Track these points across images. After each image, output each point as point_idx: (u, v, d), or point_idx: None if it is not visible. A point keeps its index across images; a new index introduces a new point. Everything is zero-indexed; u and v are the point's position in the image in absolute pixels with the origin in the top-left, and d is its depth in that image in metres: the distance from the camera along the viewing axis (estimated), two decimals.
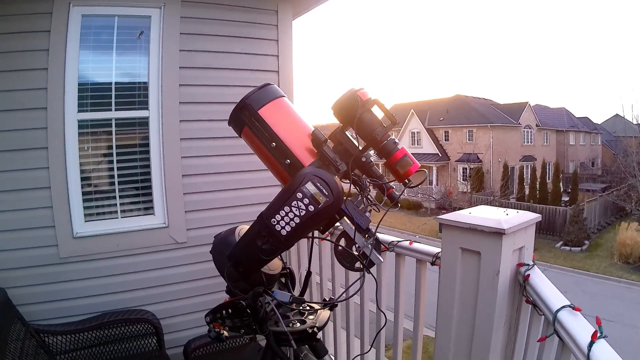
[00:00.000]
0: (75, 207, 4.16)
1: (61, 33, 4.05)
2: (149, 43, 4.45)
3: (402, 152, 1.57)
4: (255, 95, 1.59)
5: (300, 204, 1.42)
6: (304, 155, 1.53)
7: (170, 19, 4.47)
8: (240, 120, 1.60)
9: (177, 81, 4.48)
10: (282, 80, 4.97)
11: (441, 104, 46.63)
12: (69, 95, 4.11)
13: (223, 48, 4.72)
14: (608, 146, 53.79)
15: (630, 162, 26.03)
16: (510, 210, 2.20)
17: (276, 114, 1.57)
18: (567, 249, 26.10)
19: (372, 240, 1.56)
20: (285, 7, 5.05)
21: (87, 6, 4.21)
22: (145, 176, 4.47)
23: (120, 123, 4.40)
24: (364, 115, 1.56)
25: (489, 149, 40.00)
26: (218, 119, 4.50)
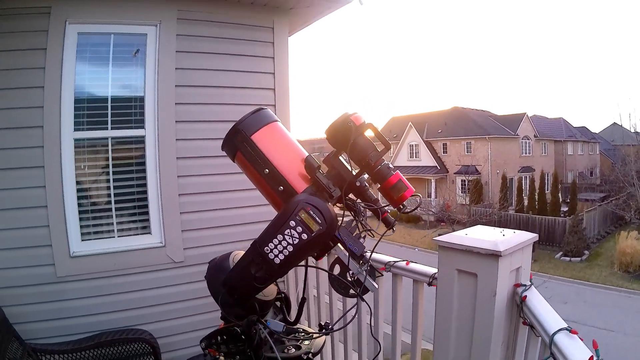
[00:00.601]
0: (71, 226, 4.15)
1: (57, 51, 4.07)
2: (145, 61, 4.46)
3: (396, 177, 1.55)
4: (248, 120, 1.58)
5: (293, 232, 1.41)
6: (298, 181, 1.52)
7: (166, 37, 4.50)
8: (233, 146, 1.59)
9: (173, 99, 4.49)
10: (278, 98, 4.99)
11: (439, 116, 46.73)
12: (65, 113, 4.12)
13: (219, 66, 4.73)
14: (606, 155, 53.89)
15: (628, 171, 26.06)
16: (507, 230, 2.19)
17: (269, 139, 1.57)
18: (567, 259, 26.07)
19: (366, 267, 1.54)
20: (281, 24, 5.08)
21: (84, 24, 4.24)
22: (142, 195, 4.46)
23: (117, 141, 4.40)
24: (358, 140, 1.55)
25: (488, 161, 40.04)
26: (214, 138, 4.44)
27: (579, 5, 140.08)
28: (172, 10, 4.54)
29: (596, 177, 52.65)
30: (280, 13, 5.08)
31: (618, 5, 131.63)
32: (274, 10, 5.03)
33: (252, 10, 4.92)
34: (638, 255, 22.90)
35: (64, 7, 4.12)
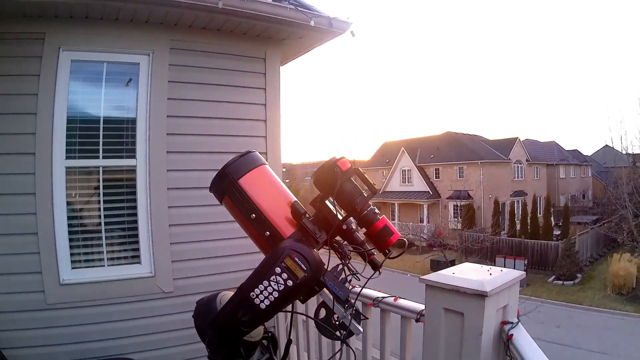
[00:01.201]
0: (62, 254, 4.13)
1: (51, 77, 4.10)
2: (137, 91, 4.49)
3: (382, 222, 1.57)
4: (235, 164, 1.60)
5: (279, 278, 1.42)
6: (284, 226, 1.54)
7: (159, 67, 4.53)
8: (220, 189, 1.61)
9: (165, 130, 4.51)
10: (269, 129, 5.02)
11: (432, 141, 46.91)
12: (57, 141, 4.13)
13: (211, 97, 4.76)
14: (598, 177, 54.13)
15: (620, 193, 26.16)
16: (494, 268, 2.21)
17: (256, 183, 1.58)
18: (560, 282, 26.04)
19: (351, 311, 1.55)
20: (273, 55, 5.13)
21: (77, 51, 4.28)
22: (132, 224, 4.46)
23: (108, 170, 4.40)
24: (344, 185, 1.56)
25: (480, 186, 40.14)
26: (205, 169, 4.50)
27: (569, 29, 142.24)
28: (165, 39, 4.59)
29: (588, 199, 52.82)
30: (273, 44, 5.14)
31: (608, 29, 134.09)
32: (267, 41, 5.09)
33: (245, 40, 4.98)
34: (631, 277, 22.94)
35: (58, 33, 4.17)
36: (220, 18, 4.56)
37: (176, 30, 4.66)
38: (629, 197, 25.25)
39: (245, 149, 4.90)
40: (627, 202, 24.91)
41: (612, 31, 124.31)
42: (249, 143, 4.92)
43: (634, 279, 22.95)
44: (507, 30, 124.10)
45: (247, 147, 4.96)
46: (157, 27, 4.57)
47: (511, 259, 27.08)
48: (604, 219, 33.79)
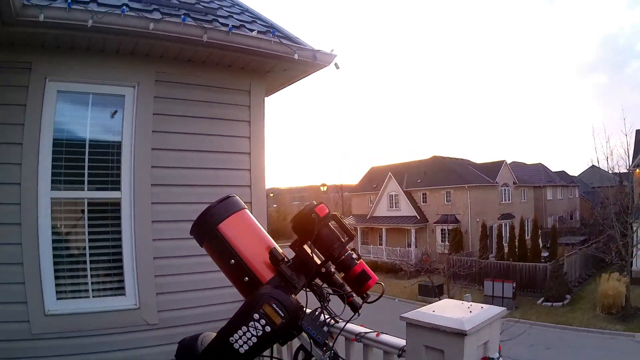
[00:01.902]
0: (47, 284, 4.10)
1: (37, 107, 4.12)
2: (122, 123, 4.51)
3: (360, 266, 1.59)
4: (215, 209, 1.62)
5: (257, 324, 1.44)
6: (263, 271, 1.55)
7: (144, 99, 4.56)
8: (200, 234, 1.63)
9: (150, 162, 4.52)
10: (253, 162, 5.04)
11: (419, 166, 47.08)
12: (43, 171, 4.13)
13: (195, 129, 4.79)
14: (586, 198, 54.53)
15: (608, 213, 26.23)
16: (475, 305, 2.22)
17: (236, 229, 1.60)
18: (549, 304, 26.03)
19: (330, 354, 1.56)
20: (258, 87, 5.18)
21: (63, 82, 4.31)
22: (117, 256, 4.44)
23: (93, 202, 4.40)
24: (322, 231, 1.59)
25: (467, 210, 40.27)
26: (190, 202, 4.54)
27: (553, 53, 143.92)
28: (151, 71, 4.63)
29: (576, 220, 53.11)
30: (257, 76, 5.19)
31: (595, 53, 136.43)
32: (251, 73, 5.14)
33: (230, 73, 5.03)
34: (620, 297, 22.96)
35: (44, 63, 4.20)
36: (205, 51, 4.61)
37: (162, 62, 4.70)
38: (616, 216, 25.34)
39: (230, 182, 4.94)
40: (615, 222, 24.99)
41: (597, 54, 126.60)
42: (233, 176, 4.95)
43: (623, 298, 22.98)
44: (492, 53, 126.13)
45: (232, 179, 4.98)
46: (143, 59, 4.61)
47: (499, 282, 27.04)
48: (592, 239, 33.92)
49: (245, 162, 5.03)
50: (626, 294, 23.01)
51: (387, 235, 44.90)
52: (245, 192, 4.96)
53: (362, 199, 52.46)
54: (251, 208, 5.00)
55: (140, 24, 4.07)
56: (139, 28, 4.08)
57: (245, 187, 4.98)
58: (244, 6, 6.51)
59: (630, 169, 29.85)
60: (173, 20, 4.23)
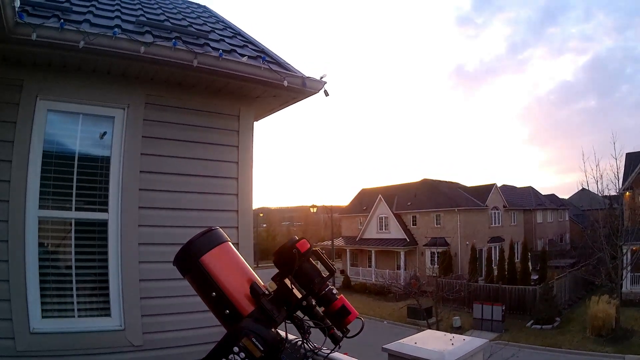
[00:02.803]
0: (32, 302, 4.08)
1: (27, 126, 4.13)
2: (112, 144, 4.54)
3: (340, 301, 1.62)
4: (198, 241, 1.64)
5: (237, 357, 1.46)
6: (245, 303, 1.57)
7: (133, 121, 4.59)
8: (183, 266, 1.65)
9: (138, 185, 4.54)
10: (240, 187, 5.07)
11: (409, 189, 47.22)
12: (31, 190, 4.13)
13: (184, 153, 4.82)
14: (576, 221, 54.70)
15: (597, 236, 26.34)
16: (457, 337, 2.23)
17: (218, 262, 1.62)
18: (539, 327, 26.00)
19: None
20: (247, 112, 5.23)
21: (54, 101, 4.34)
22: (103, 277, 4.43)
23: (80, 222, 4.40)
24: (303, 266, 1.62)
25: (457, 233, 40.32)
26: (177, 225, 4.58)
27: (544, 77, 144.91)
28: (141, 94, 4.67)
29: (566, 243, 53.28)
30: (247, 101, 5.24)
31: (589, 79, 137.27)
32: (241, 98, 5.19)
33: (219, 97, 5.07)
34: (610, 319, 22.98)
35: (36, 81, 4.23)
36: (196, 75, 4.65)
37: (152, 85, 4.74)
38: (606, 239, 25.46)
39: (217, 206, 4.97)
40: (604, 245, 25.12)
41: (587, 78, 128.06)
42: (221, 200, 4.97)
43: (613, 320, 23.01)
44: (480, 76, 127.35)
45: (219, 204, 5.00)
46: (133, 81, 4.66)
47: (489, 305, 26.99)
48: (582, 262, 33.99)
49: (232, 186, 5.05)
50: (616, 316, 23.07)
51: (377, 258, 44.82)
52: (232, 216, 4.99)
53: (352, 220, 52.44)
54: (238, 233, 5.05)
55: (131, 47, 4.11)
56: (130, 51, 4.12)
57: (232, 211, 5.01)
58: (236, 29, 6.59)
59: (620, 191, 30.10)
60: (164, 44, 4.28)
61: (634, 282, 29.08)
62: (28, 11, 4.13)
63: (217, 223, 4.79)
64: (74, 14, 4.56)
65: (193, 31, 5.30)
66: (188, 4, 8.34)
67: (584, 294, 30.69)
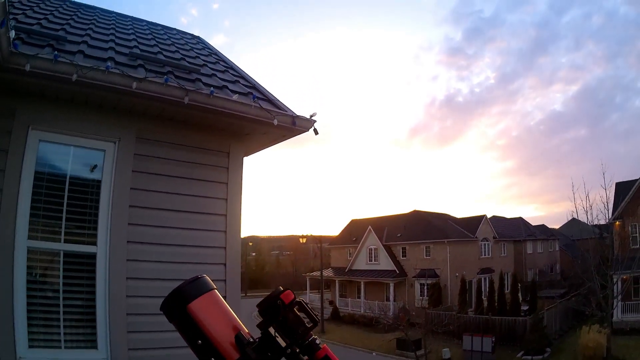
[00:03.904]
0: (19, 331, 4.04)
1: (18, 155, 4.15)
2: (102, 178, 4.57)
3: (324, 351, 1.65)
4: (185, 289, 1.67)
5: None
6: (230, 352, 1.59)
7: (124, 155, 4.63)
8: (171, 312, 1.68)
9: (127, 219, 4.55)
10: (229, 224, 5.10)
11: (399, 220, 47.32)
12: (21, 219, 4.13)
13: (174, 189, 4.84)
14: (566, 250, 54.83)
15: (588, 266, 26.42)
16: None
17: (205, 310, 1.65)
18: (529, 357, 25.85)
19: None
20: (237, 149, 5.29)
21: (46, 132, 4.37)
22: (91, 309, 4.41)
23: (69, 254, 4.40)
24: (287, 316, 1.66)
25: (447, 264, 40.32)
26: (165, 261, 4.59)
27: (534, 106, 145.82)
28: (132, 128, 4.72)
29: (556, 273, 53.31)
30: (237, 138, 5.31)
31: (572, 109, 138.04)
32: (231, 135, 5.25)
33: (210, 134, 5.13)
34: (601, 348, 22.92)
35: (28, 111, 4.26)
36: (187, 111, 4.71)
37: (143, 119, 4.78)
38: (596, 269, 25.54)
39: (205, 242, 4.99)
40: (594, 274, 25.19)
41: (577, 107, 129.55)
42: (209, 237, 4.98)
43: (603, 350, 22.97)
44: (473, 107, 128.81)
45: (207, 240, 5.04)
46: (125, 115, 4.70)
47: (478, 337, 26.87)
48: (572, 292, 34.01)
49: (221, 223, 5.08)
50: (607, 345, 23.04)
51: (366, 289, 44.62)
52: (219, 253, 5.01)
53: (342, 251, 52.37)
54: (225, 269, 5.03)
55: (123, 81, 4.17)
56: (122, 86, 4.18)
57: (220, 248, 5.03)
58: (228, 63, 6.69)
59: (609, 221, 30.30)
60: (156, 80, 4.33)
61: (625, 311, 29.17)
62: (23, 39, 4.21)
63: (205, 259, 4.85)
64: (69, 43, 4.64)
65: (186, 65, 5.38)
66: (182, 35, 8.46)
67: (574, 323, 30.66)
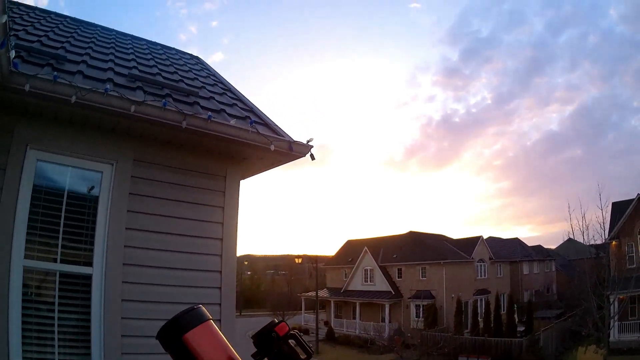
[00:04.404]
0: (14, 351, 4.02)
1: (16, 174, 4.14)
2: (99, 199, 4.58)
3: None
4: (181, 319, 1.69)
5: None
6: None
7: (121, 177, 4.65)
8: (166, 341, 1.71)
9: (123, 242, 4.55)
10: (225, 248, 5.12)
11: (395, 241, 47.26)
12: (17, 239, 4.11)
13: (170, 212, 4.86)
14: (563, 271, 54.74)
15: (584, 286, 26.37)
16: None
17: (200, 340, 1.68)
18: None
19: None
20: (233, 173, 5.33)
21: (44, 151, 4.37)
22: (86, 330, 4.40)
23: (65, 274, 4.39)
24: (282, 348, 1.70)
25: (443, 285, 40.21)
26: (161, 284, 4.60)
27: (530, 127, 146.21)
28: (129, 150, 4.75)
29: (553, 293, 53.15)
30: (234, 162, 5.34)
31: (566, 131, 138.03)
32: (228, 159, 5.29)
33: (207, 157, 5.17)
34: None
35: (27, 130, 4.27)
36: (184, 135, 4.74)
37: (141, 142, 4.81)
38: (592, 289, 25.49)
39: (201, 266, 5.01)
40: (591, 295, 25.13)
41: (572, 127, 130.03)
42: (205, 261, 4.99)
43: None
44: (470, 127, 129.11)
45: (203, 264, 5.11)
46: (123, 137, 4.72)
47: (474, 358, 26.77)
48: (569, 312, 33.92)
49: (217, 247, 5.09)
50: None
51: (361, 310, 44.43)
52: (215, 277, 5.02)
53: (337, 272, 52.24)
54: (220, 293, 5.01)
55: (121, 104, 4.20)
56: (120, 108, 4.21)
57: (215, 272, 5.03)
58: (226, 84, 6.74)
59: (606, 241, 30.34)
60: (154, 103, 4.37)
61: (622, 331, 29.11)
62: (23, 57, 4.25)
63: (201, 283, 4.87)
64: (68, 62, 4.68)
65: (184, 88, 5.43)
66: (181, 55, 8.53)
67: (571, 344, 30.63)
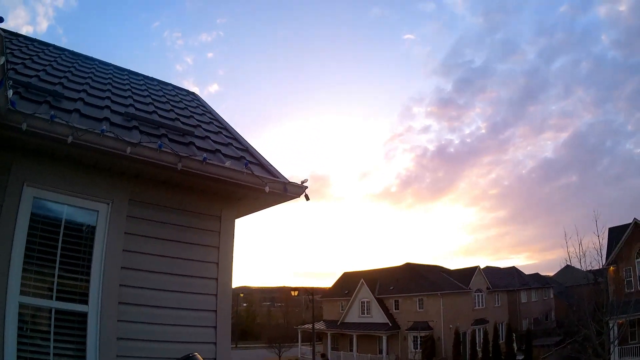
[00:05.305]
0: None
1: (12, 211, 4.18)
2: (95, 238, 4.62)
3: None
4: None
5: None
6: None
7: (117, 217, 4.70)
8: None
9: (118, 281, 4.57)
10: (220, 287, 5.16)
11: (391, 273, 47.22)
12: (13, 275, 4.13)
13: (166, 252, 4.89)
14: (561, 298, 54.48)
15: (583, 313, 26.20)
16: None
17: None
18: None
19: None
20: (228, 213, 5.39)
21: (40, 189, 4.41)
22: None
23: (60, 312, 4.39)
24: None
25: (440, 316, 40.01)
26: (156, 323, 4.62)
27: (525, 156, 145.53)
28: (125, 190, 4.81)
29: (552, 321, 52.78)
30: (229, 202, 5.41)
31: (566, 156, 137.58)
32: (223, 199, 5.36)
33: (202, 198, 5.23)
34: None
35: (23, 167, 4.32)
36: (180, 176, 4.79)
37: (137, 182, 4.87)
38: (591, 315, 25.32)
39: (196, 306, 5.05)
40: (590, 321, 24.95)
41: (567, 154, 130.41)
42: (200, 300, 5.01)
43: None
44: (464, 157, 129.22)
45: (198, 304, 5.00)
46: (119, 177, 4.79)
47: None
48: (568, 339, 33.70)
49: (212, 286, 5.13)
50: None
51: (358, 342, 44.12)
52: (210, 316, 5.05)
53: (334, 304, 51.98)
54: (215, 332, 5.05)
55: (117, 145, 4.27)
56: (116, 149, 4.27)
57: (210, 311, 5.06)
58: (222, 122, 6.82)
59: (604, 266, 30.30)
60: (150, 145, 4.43)
61: (622, 355, 28.99)
62: (21, 93, 4.35)
63: (195, 322, 4.95)
64: (65, 100, 4.78)
65: (180, 127, 5.54)
66: (177, 91, 8.64)
67: None
